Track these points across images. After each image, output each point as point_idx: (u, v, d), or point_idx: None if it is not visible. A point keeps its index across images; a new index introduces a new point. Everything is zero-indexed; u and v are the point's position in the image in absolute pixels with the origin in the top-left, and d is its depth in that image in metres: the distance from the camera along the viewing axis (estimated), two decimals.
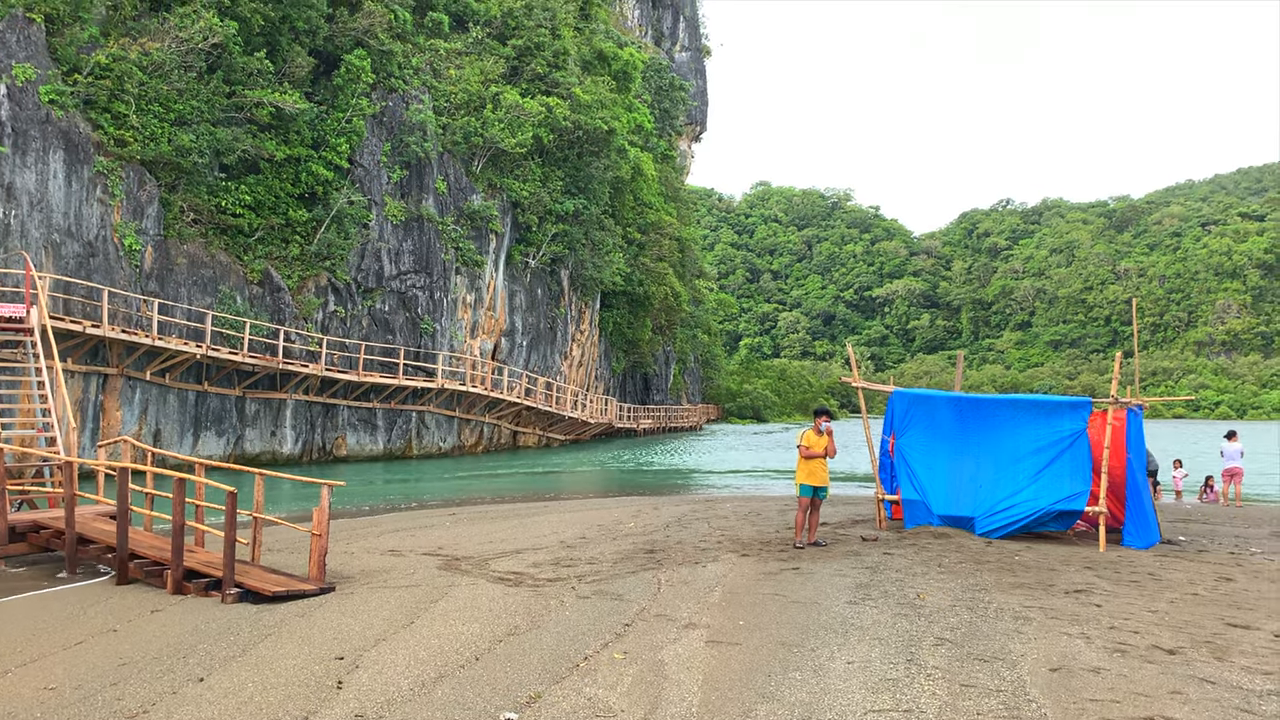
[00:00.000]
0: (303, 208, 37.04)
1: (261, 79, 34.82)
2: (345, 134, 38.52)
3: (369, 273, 39.33)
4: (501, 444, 47.32)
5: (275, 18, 35.94)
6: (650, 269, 64.35)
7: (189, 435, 31.92)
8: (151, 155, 30.86)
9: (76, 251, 28.46)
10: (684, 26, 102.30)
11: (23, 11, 27.86)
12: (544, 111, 46.35)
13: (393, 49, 41.39)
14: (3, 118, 26.83)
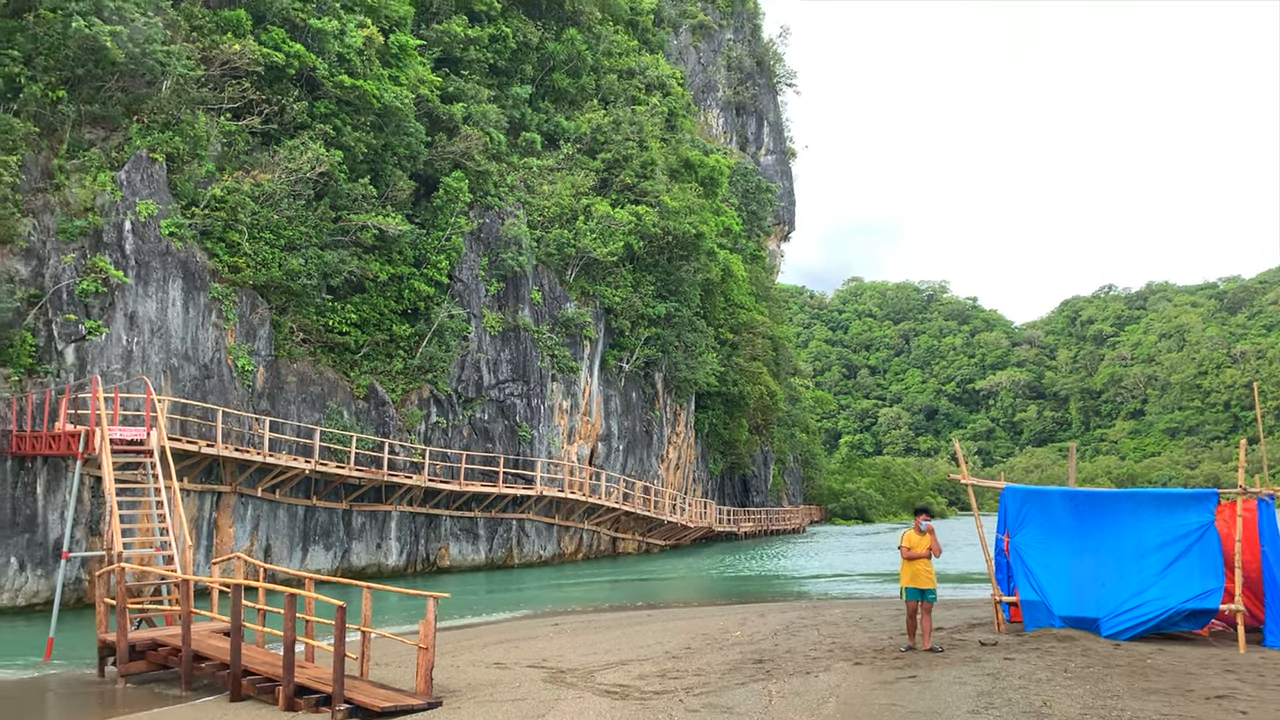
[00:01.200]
0: (405, 323, 38.24)
1: (366, 203, 36.45)
2: (445, 251, 39.88)
3: (469, 383, 40.15)
4: (601, 550, 47.07)
5: (378, 145, 37.79)
6: (744, 369, 64.27)
7: (299, 549, 32.58)
8: (263, 280, 32.35)
9: (193, 374, 29.76)
10: (768, 131, 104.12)
11: (146, 152, 29.85)
12: (634, 220, 47.36)
13: (488, 169, 43.03)
14: (127, 251, 28.53)
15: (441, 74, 43.93)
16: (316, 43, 35.80)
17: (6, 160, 27.20)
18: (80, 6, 28.27)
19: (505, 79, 48.70)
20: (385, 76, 38.47)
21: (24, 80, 28.19)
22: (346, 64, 36.57)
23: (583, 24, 55.51)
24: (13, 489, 25.41)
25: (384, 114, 37.76)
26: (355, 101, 36.73)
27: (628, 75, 58.66)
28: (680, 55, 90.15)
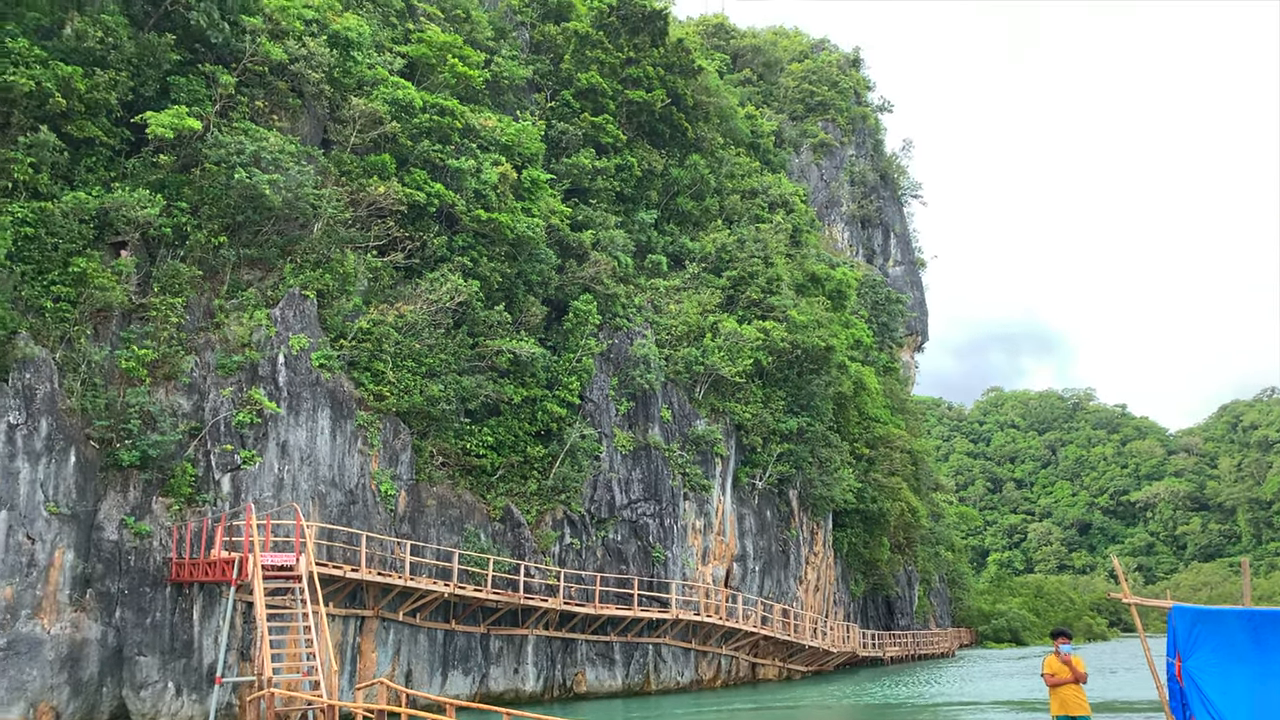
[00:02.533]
0: (539, 444, 38.82)
1: (500, 329, 37.65)
2: (576, 372, 40.62)
3: (601, 503, 40.22)
4: (740, 677, 45.61)
5: (511, 274, 39.22)
6: (883, 484, 62.51)
7: (438, 674, 32.66)
8: (405, 406, 33.50)
9: (339, 500, 30.73)
10: (895, 242, 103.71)
11: (299, 290, 31.68)
12: (761, 335, 47.39)
13: (616, 291, 44.01)
14: (280, 383, 30.03)
15: (571, 203, 45.59)
16: (455, 181, 37.74)
17: (173, 303, 29.26)
18: (242, 159, 30.62)
19: (631, 205, 50.17)
20: (519, 209, 40.14)
21: (190, 229, 30.49)
22: (483, 199, 38.35)
23: (705, 149, 57.02)
24: (171, 615, 26.44)
25: (517, 244, 39.26)
26: (491, 233, 38.35)
27: (750, 195, 59.69)
28: (802, 173, 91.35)
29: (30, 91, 27.55)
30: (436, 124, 38.07)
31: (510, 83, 47.71)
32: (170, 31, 31.70)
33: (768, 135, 71.52)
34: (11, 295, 26.40)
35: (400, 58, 41.23)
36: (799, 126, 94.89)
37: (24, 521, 24.92)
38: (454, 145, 38.75)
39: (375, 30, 41.45)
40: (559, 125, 48.19)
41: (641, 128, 52.55)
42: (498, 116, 43.08)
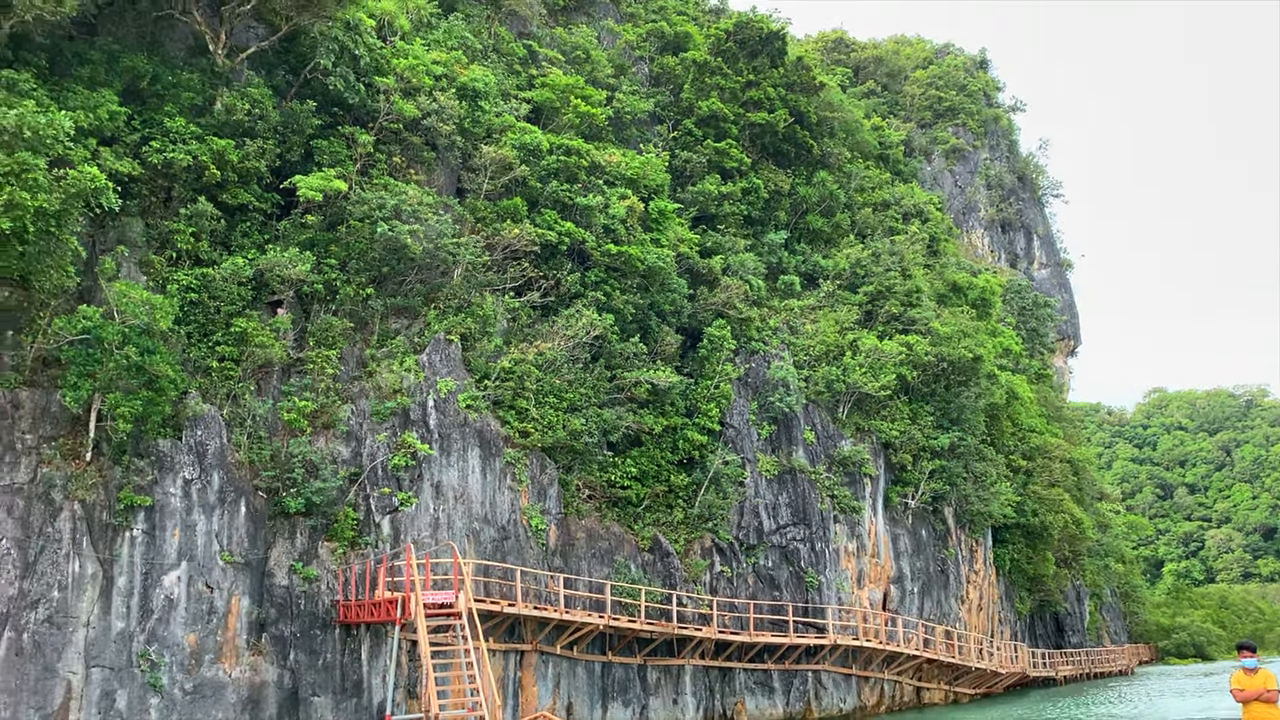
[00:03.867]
0: (682, 473, 38.80)
1: (637, 360, 37.95)
2: (714, 399, 40.49)
3: (749, 530, 39.83)
4: (904, 702, 44.22)
5: (644, 305, 39.53)
6: (1043, 497, 59.86)
7: (598, 707, 32.83)
8: (550, 442, 34.06)
9: (493, 536, 31.38)
10: (1039, 244, 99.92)
11: (444, 335, 32.71)
12: (904, 350, 46.27)
13: (750, 315, 43.78)
14: (431, 426, 30.97)
15: (699, 230, 45.71)
16: (584, 218, 38.38)
17: (328, 355, 30.65)
18: (383, 213, 31.92)
19: (760, 227, 49.94)
20: (647, 240, 40.50)
21: (340, 283, 31.92)
22: (612, 233, 38.87)
23: (832, 165, 56.35)
24: (341, 656, 27.45)
25: (648, 275, 39.56)
26: (622, 266, 38.79)
27: (883, 207, 58.58)
28: (935, 180, 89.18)
29: (188, 166, 29.44)
30: (564, 164, 38.86)
31: (632, 117, 48.35)
32: (310, 98, 33.42)
33: (896, 145, 70.16)
34: (181, 357, 28.12)
35: (525, 103, 42.37)
36: (928, 134, 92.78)
37: (203, 571, 26.37)
38: (581, 183, 39.45)
39: (500, 79, 42.74)
40: (682, 154, 48.49)
41: (766, 149, 52.36)
42: (622, 151, 43.67)
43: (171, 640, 25.46)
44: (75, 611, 24.52)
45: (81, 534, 25.06)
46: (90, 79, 29.67)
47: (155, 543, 25.90)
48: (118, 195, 26.83)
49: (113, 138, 28.99)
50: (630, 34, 55.53)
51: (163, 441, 26.62)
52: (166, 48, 32.60)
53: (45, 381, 26.04)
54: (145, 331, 26.07)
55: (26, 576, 24.10)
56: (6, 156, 24.65)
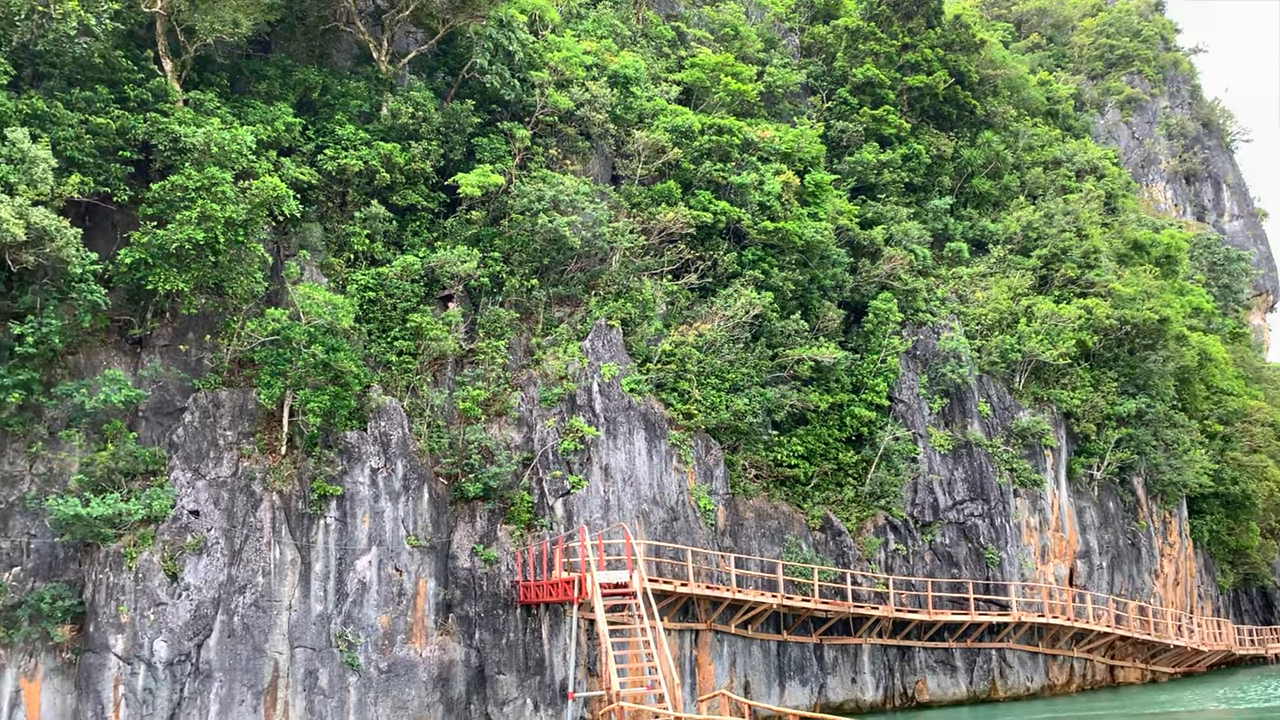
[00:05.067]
0: (851, 450, 38.13)
1: (799, 337, 37.47)
2: (881, 374, 39.56)
3: (924, 506, 38.80)
4: (1097, 681, 42.22)
5: (804, 281, 38.94)
6: (1243, 463, 55.80)
7: (775, 685, 32.77)
8: (714, 423, 34.10)
9: (662, 517, 31.70)
10: (1228, 195, 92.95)
11: (605, 321, 33.19)
12: (1083, 314, 44.01)
13: (916, 286, 42.49)
14: (597, 410, 31.52)
15: (858, 201, 44.67)
16: (739, 196, 38.11)
17: (497, 345, 31.63)
18: (542, 205, 32.61)
19: (923, 194, 48.37)
20: (805, 215, 39.86)
21: (505, 275, 32.85)
22: (768, 210, 38.44)
23: (997, 125, 54.01)
24: (523, 635, 28.37)
25: (807, 250, 38.96)
26: (779, 243, 38.34)
27: (1054, 165, 55.73)
28: (1110, 134, 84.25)
29: (360, 170, 30.90)
30: (716, 143, 38.68)
31: (784, 90, 47.64)
32: (469, 97, 34.45)
33: (1066, 100, 66.58)
34: (362, 353, 29.60)
35: (676, 85, 42.38)
36: (1100, 85, 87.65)
37: (391, 555, 27.73)
38: (735, 161, 39.18)
39: (650, 63, 42.91)
40: (838, 124, 47.46)
41: (925, 113, 50.64)
42: (775, 126, 43.13)
43: (366, 621, 26.90)
44: (278, 595, 26.23)
45: (280, 523, 26.77)
46: (267, 93, 31.49)
47: (347, 529, 27.40)
48: (298, 202, 28.46)
49: (290, 148, 30.72)
50: (779, 6, 54.67)
51: (350, 433, 28.11)
52: (334, 59, 34.26)
53: (241, 381, 27.92)
54: (329, 330, 27.56)
55: (233, 563, 25.94)
56: (197, 172, 26.49)
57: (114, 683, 24.24)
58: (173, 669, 24.68)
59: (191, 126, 27.28)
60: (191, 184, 26.18)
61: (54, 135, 25.95)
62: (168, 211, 26.30)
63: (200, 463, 26.51)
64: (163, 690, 24.49)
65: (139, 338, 27.73)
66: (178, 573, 25.26)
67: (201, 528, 25.87)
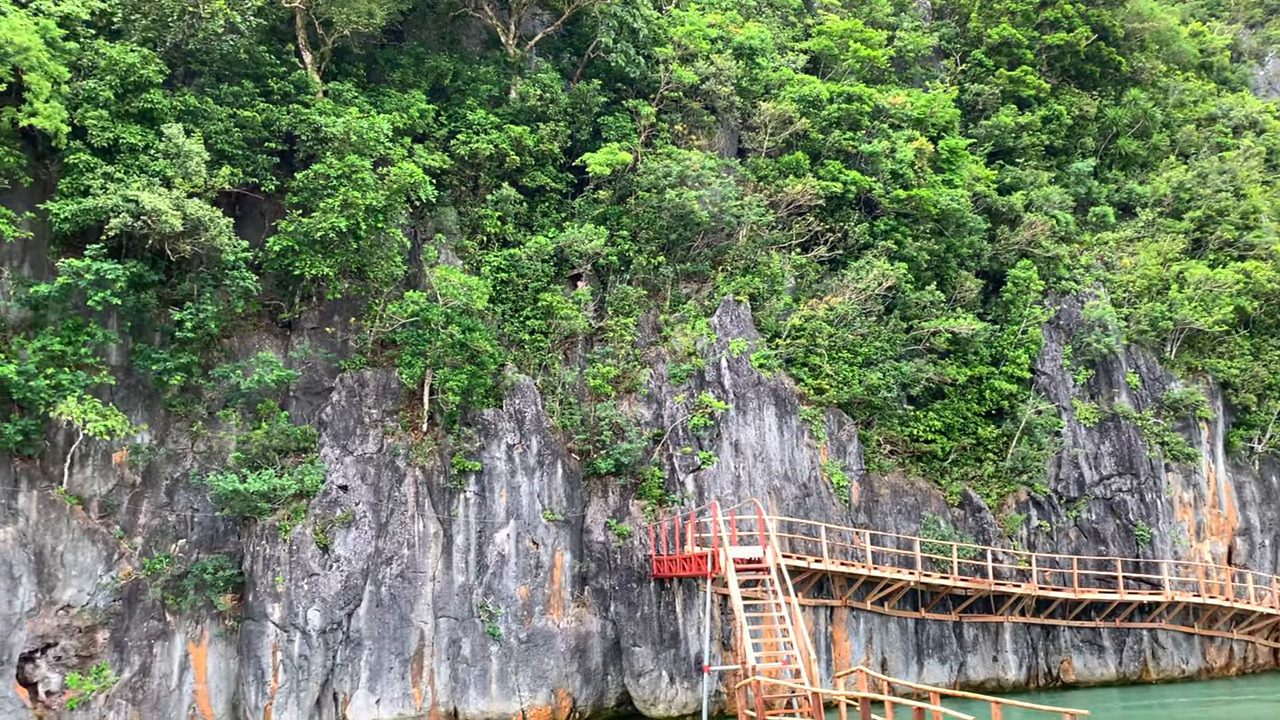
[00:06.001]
0: (991, 424, 36.98)
1: (934, 309, 36.46)
2: (1022, 345, 38.18)
3: (1068, 481, 37.37)
4: (1260, 664, 39.95)
5: (940, 250, 37.84)
6: None
7: (913, 663, 32.24)
8: (846, 398, 33.58)
9: (794, 493, 31.46)
10: None
11: (732, 296, 33.02)
12: (1241, 279, 41.45)
13: (1058, 253, 40.79)
14: (726, 386, 31.44)
15: (995, 167, 43.08)
16: (870, 165, 37.27)
17: (626, 323, 31.89)
18: (669, 181, 32.60)
19: (1064, 157, 46.31)
20: (939, 182, 38.70)
21: (632, 253, 33.03)
22: (900, 178, 37.49)
23: (1145, 81, 51.19)
24: (657, 608, 28.66)
25: (942, 218, 37.85)
26: (913, 212, 37.36)
27: (1208, 122, 52.46)
28: (1271, 85, 78.74)
29: (490, 154, 31.52)
30: (845, 112, 37.87)
31: (915, 55, 46.24)
32: (595, 77, 34.66)
33: (1221, 51, 62.52)
34: (496, 332, 30.29)
35: (803, 54, 41.66)
36: (1260, 34, 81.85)
37: (528, 529, 28.39)
38: (865, 130, 38.31)
39: (776, 33, 42.25)
40: (972, 88, 45.81)
41: (1066, 72, 48.36)
42: (906, 92, 41.94)
43: (505, 593, 27.66)
44: (422, 567, 27.20)
45: (423, 497, 27.72)
46: (401, 81, 32.38)
47: (486, 503, 28.18)
48: (433, 187, 29.23)
49: (424, 134, 31.55)
50: None
51: (486, 411, 28.86)
52: (464, 44, 34.97)
53: (384, 361, 28.96)
54: (465, 311, 28.31)
55: (380, 536, 27.00)
56: (338, 160, 27.49)
57: (272, 649, 25.60)
58: (325, 636, 25.90)
59: (331, 116, 28.30)
60: (333, 172, 27.20)
61: (205, 130, 27.32)
62: (311, 199, 27.41)
63: (348, 440, 27.64)
64: (317, 656, 25.74)
65: (288, 321, 29.04)
66: (328, 545, 26.45)
67: (350, 502, 27.00)
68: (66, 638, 24.96)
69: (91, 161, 25.63)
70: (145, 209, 24.31)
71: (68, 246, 26.02)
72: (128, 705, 25.03)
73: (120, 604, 25.50)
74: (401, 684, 26.28)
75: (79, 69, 26.11)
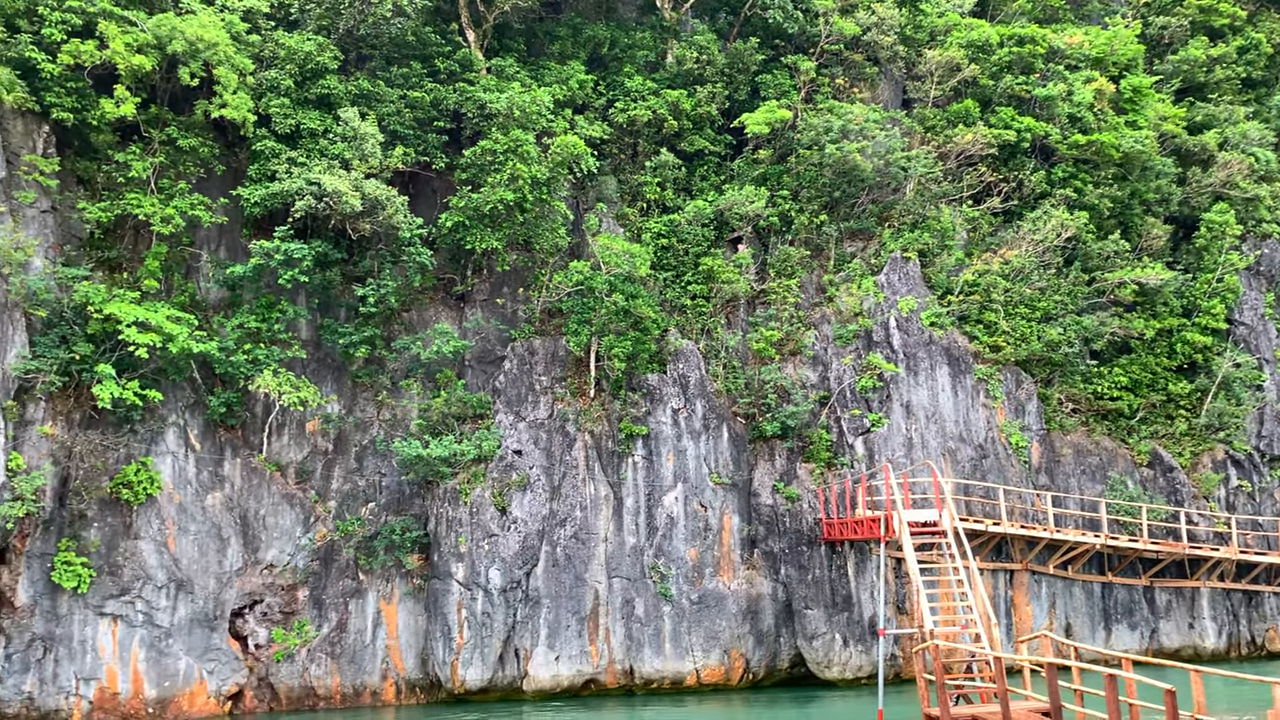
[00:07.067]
0: (1182, 379, 34.76)
1: (1119, 259, 34.46)
2: (1218, 294, 35.59)
3: (1272, 439, 34.79)
4: None
5: (1123, 196, 35.67)
6: None
7: (1100, 629, 30.89)
8: (1024, 355, 32.22)
9: (969, 455, 30.50)
10: None
11: (900, 253, 32.11)
12: None
13: (1258, 194, 37.74)
14: (895, 346, 30.68)
15: (1184, 104, 40.14)
16: (1045, 110, 35.44)
17: (788, 285, 31.52)
18: (830, 136, 31.89)
19: (1264, 90, 42.70)
20: (1121, 124, 36.43)
21: (793, 213, 32.54)
22: (1078, 122, 35.49)
23: None
24: (828, 571, 28.44)
25: (1125, 162, 35.63)
26: (1093, 157, 35.32)
27: None
28: None
29: (649, 120, 31.63)
30: (1017, 55, 36.02)
31: None
32: (751, 35, 34.14)
33: None
34: (659, 298, 30.50)
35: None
36: None
37: (696, 492, 28.63)
38: (1039, 73, 36.36)
39: None
40: (1157, 21, 42.70)
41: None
42: (1084, 30, 39.50)
43: (675, 554, 28.02)
44: (594, 528, 27.86)
45: (593, 461, 28.33)
46: (560, 53, 32.84)
47: (653, 467, 28.57)
48: (593, 157, 29.60)
49: (583, 105, 31.93)
50: None
51: (651, 376, 29.18)
52: (619, 12, 35.11)
53: (552, 329, 29.68)
54: (628, 278, 28.63)
55: (554, 499, 27.80)
56: (503, 136, 28.17)
57: (457, 606, 26.81)
58: (506, 595, 26.93)
59: (495, 93, 28.99)
60: (499, 148, 27.92)
61: (378, 112, 28.48)
62: (479, 175, 28.24)
63: (520, 406, 28.51)
64: (498, 614, 26.81)
65: (461, 294, 30.11)
66: (506, 507, 27.42)
67: (524, 465, 27.88)
68: (271, 595, 26.85)
69: (276, 148, 27.16)
70: (327, 191, 25.59)
71: (258, 229, 27.71)
72: (327, 659, 26.76)
73: (317, 563, 27.23)
74: (579, 641, 27.08)
75: (261, 60, 27.63)
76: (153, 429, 25.81)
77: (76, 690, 24.25)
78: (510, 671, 26.94)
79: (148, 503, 25.33)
